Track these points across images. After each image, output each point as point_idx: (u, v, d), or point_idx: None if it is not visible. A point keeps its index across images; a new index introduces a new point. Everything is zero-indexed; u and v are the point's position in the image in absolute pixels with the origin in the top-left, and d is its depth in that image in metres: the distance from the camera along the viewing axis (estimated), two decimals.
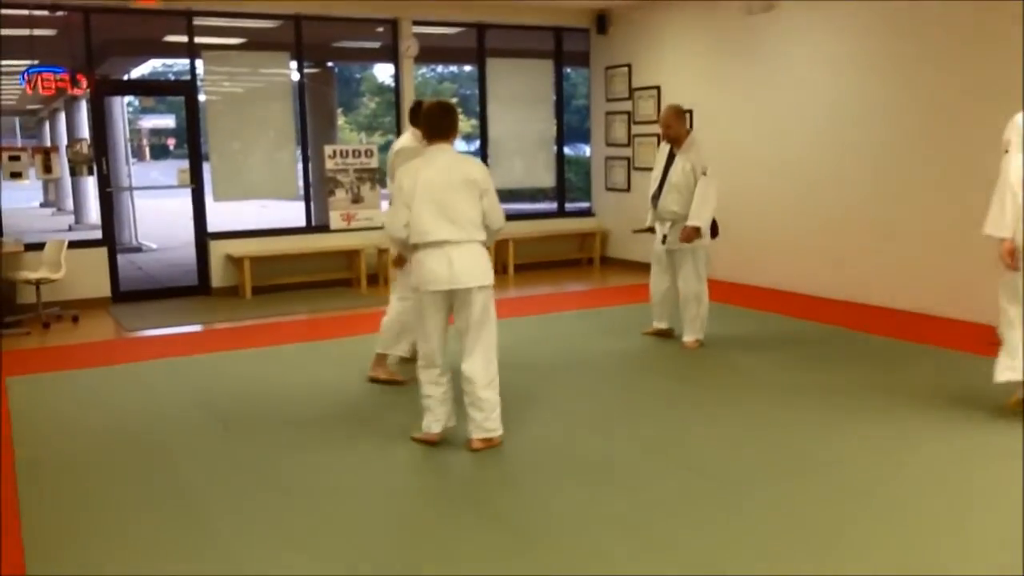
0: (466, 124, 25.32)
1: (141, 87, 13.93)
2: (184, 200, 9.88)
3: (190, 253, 9.84)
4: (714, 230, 6.37)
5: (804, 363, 6.02)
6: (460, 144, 25.39)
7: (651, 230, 6.72)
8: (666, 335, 6.76)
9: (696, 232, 6.24)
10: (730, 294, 8.39)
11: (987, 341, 5.50)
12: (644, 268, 10.14)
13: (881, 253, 7.77)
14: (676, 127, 6.37)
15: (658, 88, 10.16)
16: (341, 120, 24.11)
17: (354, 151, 9.90)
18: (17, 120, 24.72)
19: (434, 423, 4.53)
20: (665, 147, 6.52)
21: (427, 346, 4.46)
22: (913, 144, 7.45)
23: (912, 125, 7.45)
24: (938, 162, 7.27)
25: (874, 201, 7.80)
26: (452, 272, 4.26)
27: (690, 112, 9.69)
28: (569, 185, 12.11)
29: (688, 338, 6.50)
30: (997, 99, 6.46)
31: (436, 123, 4.41)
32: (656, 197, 6.48)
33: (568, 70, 12.41)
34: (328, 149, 9.77)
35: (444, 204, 4.26)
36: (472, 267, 4.30)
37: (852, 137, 7.97)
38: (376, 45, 11.85)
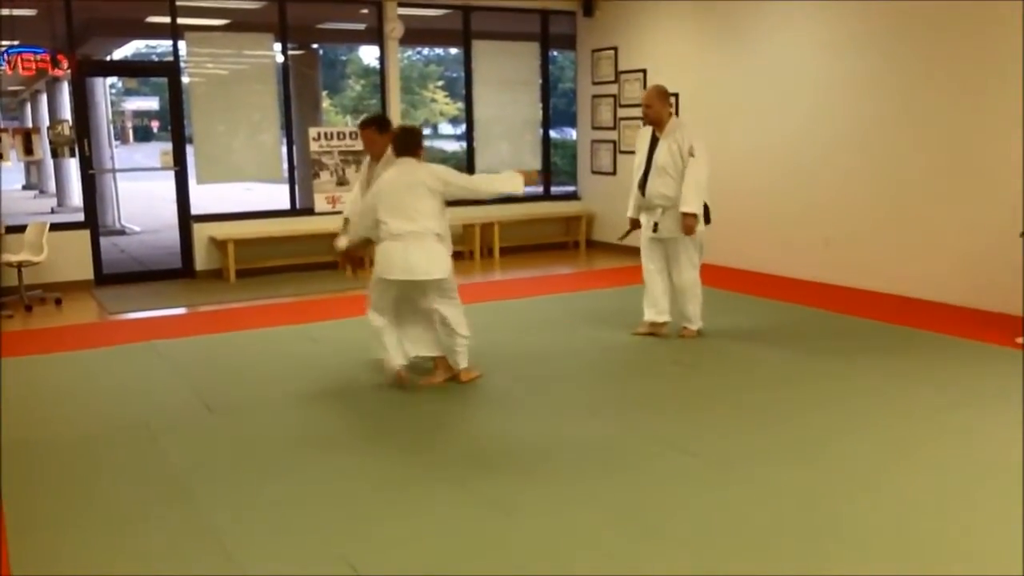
0: (452, 107, 25.31)
1: (124, 68, 13.79)
2: (168, 183, 9.81)
3: (174, 236, 9.79)
4: (706, 216, 6.09)
5: (798, 348, 6.05)
6: (446, 127, 25.00)
7: (635, 226, 6.40)
8: (659, 330, 6.36)
9: (694, 219, 5.98)
10: (716, 278, 8.41)
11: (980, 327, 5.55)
12: (629, 252, 10.16)
13: (870, 236, 7.81)
14: (658, 108, 6.07)
15: (644, 71, 10.15)
16: (326, 102, 23.98)
17: (339, 133, 9.87)
18: None
19: (396, 356, 5.19)
20: (646, 131, 6.21)
21: (379, 309, 5.19)
22: (902, 127, 7.47)
23: (901, 107, 7.47)
24: (928, 145, 7.30)
25: (862, 184, 7.83)
26: (407, 264, 4.96)
27: (676, 95, 9.68)
28: (555, 168, 12.09)
29: (690, 327, 6.28)
30: (988, 82, 6.49)
31: (402, 143, 5.15)
32: (643, 184, 6.18)
33: (554, 53, 12.38)
34: (313, 131, 9.73)
35: (403, 203, 4.98)
36: (425, 261, 4.98)
37: (840, 119, 7.99)
38: (361, 27, 11.78)
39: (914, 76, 7.30)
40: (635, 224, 6.40)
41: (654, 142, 6.14)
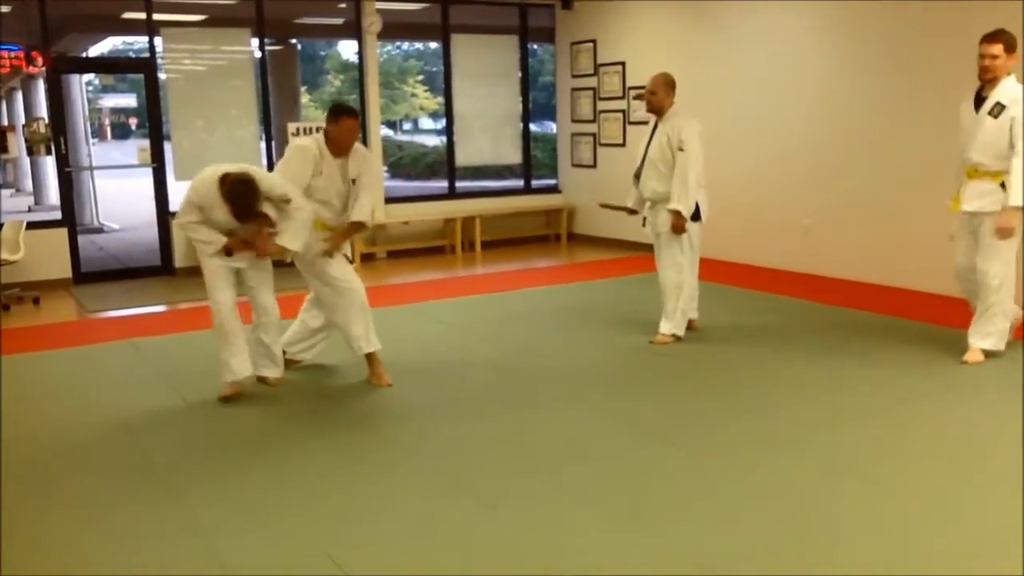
0: (432, 102, 25.23)
1: (99, 65, 13.64)
2: (146, 180, 9.74)
3: (153, 233, 9.72)
4: (696, 213, 5.79)
5: (784, 339, 6.08)
6: (427, 121, 24.82)
7: (630, 211, 6.16)
8: (689, 327, 6.07)
9: (679, 218, 5.70)
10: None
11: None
12: (611, 244, 10.22)
13: (853, 225, 7.85)
14: (660, 94, 5.79)
15: (623, 64, 10.16)
16: (305, 98, 23.85)
17: (318, 128, 9.80)
18: None
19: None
20: (653, 120, 5.97)
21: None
22: (884, 116, 7.51)
23: (884, 98, 7.51)
24: (910, 135, 7.35)
25: (844, 173, 7.88)
26: None
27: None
28: (535, 162, 12.10)
29: (662, 330, 5.93)
30: (970, 74, 6.53)
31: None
32: (639, 175, 5.98)
33: (534, 46, 12.37)
34: (292, 127, 9.68)
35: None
36: None
37: (820, 110, 8.03)
38: (339, 21, 11.73)
39: (896, 66, 7.34)
40: (630, 211, 6.19)
41: (654, 133, 5.91)
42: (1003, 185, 5.02)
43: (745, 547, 3.15)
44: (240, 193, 4.61)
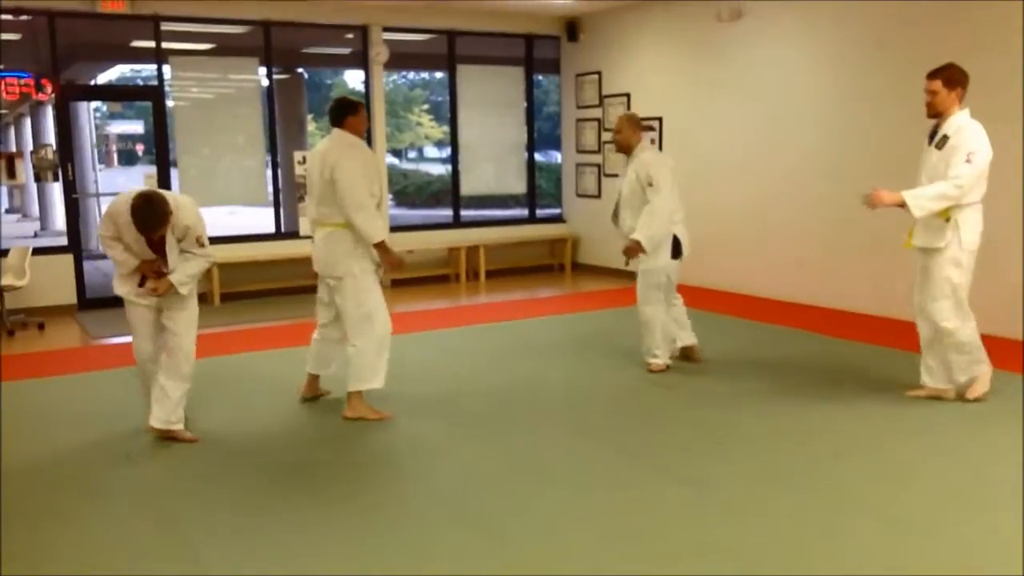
0: (437, 131, 25.36)
1: (108, 92, 13.77)
2: None
3: None
4: (675, 249, 5.80)
5: (784, 371, 6.07)
6: (432, 150, 24.85)
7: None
8: (688, 354, 6.16)
9: (637, 247, 5.66)
10: (698, 298, 8.44)
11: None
12: (615, 274, 10.22)
13: (853, 256, 7.85)
14: (626, 133, 5.87)
15: (628, 95, 10.22)
16: (311, 126, 23.98)
17: None
18: None
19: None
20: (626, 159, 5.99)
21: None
22: (883, 149, 7.54)
23: (886, 127, 7.54)
24: (914, 164, 7.36)
25: (840, 206, 7.88)
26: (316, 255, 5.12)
27: (659, 119, 9.76)
28: (540, 191, 12.14)
29: (653, 360, 5.95)
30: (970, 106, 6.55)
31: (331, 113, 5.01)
32: (616, 214, 6.04)
33: (539, 77, 12.45)
34: (298, 155, 9.73)
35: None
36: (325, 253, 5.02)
37: (822, 140, 8.07)
38: (346, 51, 11.81)
39: (896, 97, 7.37)
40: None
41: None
42: (948, 220, 4.90)
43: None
44: (142, 206, 4.38)
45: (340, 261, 4.95)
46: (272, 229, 9.93)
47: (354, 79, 24.43)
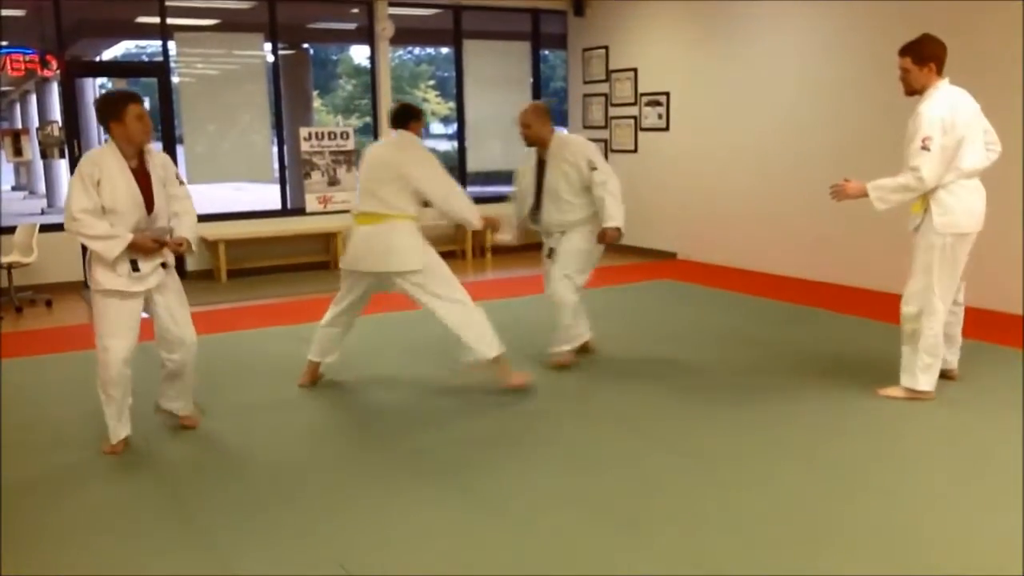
0: (443, 107, 25.27)
1: (113, 69, 13.74)
2: None
3: None
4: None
5: (783, 344, 6.06)
6: (438, 126, 24.75)
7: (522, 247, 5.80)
8: (584, 348, 5.82)
9: (618, 232, 5.32)
10: (701, 274, 8.43)
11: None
12: (623, 251, 10.18)
13: (866, 234, 7.83)
14: (537, 127, 5.55)
15: (635, 70, 10.16)
16: (317, 102, 23.93)
17: (330, 133, 9.85)
18: None
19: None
20: (531, 153, 5.72)
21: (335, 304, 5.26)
22: (888, 127, 7.48)
23: (897, 103, 7.47)
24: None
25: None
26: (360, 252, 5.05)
27: (667, 94, 9.71)
28: None
29: (558, 349, 5.63)
30: (973, 85, 6.50)
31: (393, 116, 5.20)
32: (535, 212, 5.64)
33: (545, 52, 12.38)
34: (304, 131, 9.72)
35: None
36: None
37: (835, 113, 8.01)
38: (352, 26, 11.76)
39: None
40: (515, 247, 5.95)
41: (540, 165, 5.61)
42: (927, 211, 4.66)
43: (751, 552, 3.13)
44: (126, 95, 3.99)
45: (409, 253, 4.96)
46: (278, 206, 9.92)
47: (360, 54, 24.39)
